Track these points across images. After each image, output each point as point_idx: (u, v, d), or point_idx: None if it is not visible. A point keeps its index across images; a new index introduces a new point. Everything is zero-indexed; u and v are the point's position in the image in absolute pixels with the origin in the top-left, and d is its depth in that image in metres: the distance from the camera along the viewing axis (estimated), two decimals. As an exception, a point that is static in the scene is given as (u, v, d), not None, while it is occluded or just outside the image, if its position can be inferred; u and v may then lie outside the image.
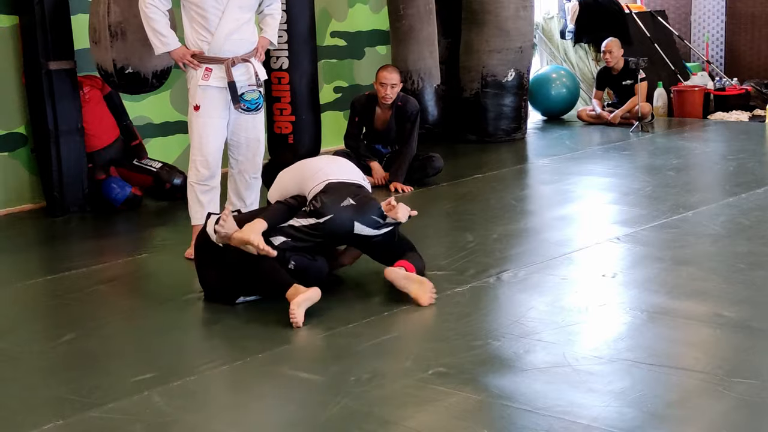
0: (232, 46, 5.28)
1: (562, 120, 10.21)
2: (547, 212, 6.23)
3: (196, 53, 5.26)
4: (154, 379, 3.65)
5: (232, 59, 5.26)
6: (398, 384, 3.44)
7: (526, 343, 3.76)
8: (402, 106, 7.10)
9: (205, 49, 5.25)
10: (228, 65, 5.24)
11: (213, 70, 5.26)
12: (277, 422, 3.22)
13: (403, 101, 7.13)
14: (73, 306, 4.67)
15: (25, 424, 3.24)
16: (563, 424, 3.02)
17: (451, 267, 4.88)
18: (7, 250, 5.86)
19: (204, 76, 5.26)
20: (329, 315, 4.25)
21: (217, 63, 5.25)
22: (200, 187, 5.37)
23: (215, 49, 5.25)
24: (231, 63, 5.26)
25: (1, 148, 6.83)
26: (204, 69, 5.26)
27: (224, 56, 5.25)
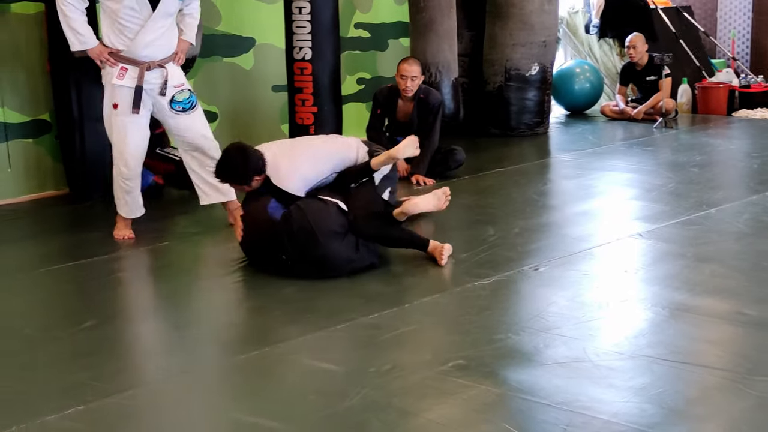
0: (151, 52, 5.36)
1: (585, 115, 10.18)
2: (569, 207, 6.21)
3: (113, 51, 5.30)
4: (173, 367, 3.67)
5: (148, 64, 5.31)
6: (418, 376, 3.43)
7: (546, 338, 3.75)
8: (424, 98, 7.08)
9: (122, 50, 5.29)
10: (143, 69, 5.30)
11: (128, 71, 5.32)
12: (295, 411, 3.22)
13: (426, 93, 7.11)
14: (94, 292, 4.69)
15: (48, 409, 3.26)
16: (583, 419, 3.02)
17: (472, 260, 4.88)
18: (30, 236, 5.90)
19: (119, 75, 5.32)
20: (349, 306, 4.26)
21: (132, 64, 5.30)
22: (123, 185, 5.48)
23: (133, 53, 5.31)
24: (147, 67, 5.31)
25: (25, 134, 6.87)
26: (119, 68, 5.29)
27: (141, 60, 5.30)
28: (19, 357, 3.85)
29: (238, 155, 4.83)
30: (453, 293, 4.37)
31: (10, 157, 6.82)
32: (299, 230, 4.63)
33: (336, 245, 4.67)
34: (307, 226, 4.64)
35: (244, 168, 4.80)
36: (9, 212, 6.59)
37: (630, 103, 9.77)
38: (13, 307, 4.54)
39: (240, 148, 4.87)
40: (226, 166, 4.86)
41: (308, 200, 4.85)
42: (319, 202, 4.83)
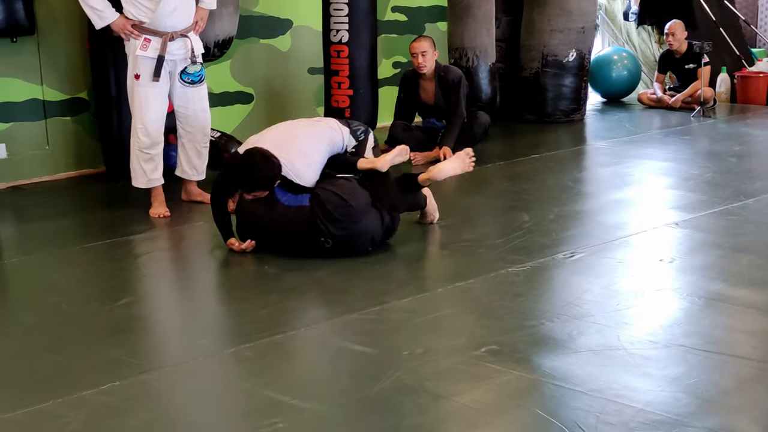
0: (174, 22, 5.46)
1: (622, 103, 10.10)
2: (604, 195, 6.17)
3: (136, 23, 5.37)
4: (207, 346, 3.70)
5: (171, 34, 5.39)
6: (451, 360, 3.44)
7: (580, 325, 3.74)
8: (444, 75, 7.07)
9: (145, 21, 5.36)
10: (166, 40, 5.38)
11: (151, 42, 5.42)
12: (328, 392, 3.24)
13: (445, 71, 7.10)
14: (130, 270, 4.73)
15: (84, 384, 3.30)
16: (616, 407, 3.01)
17: (506, 246, 4.87)
18: (67, 214, 5.96)
19: (142, 47, 5.42)
20: (383, 290, 4.27)
21: (155, 35, 5.37)
22: (142, 155, 5.61)
23: (156, 23, 5.40)
24: (170, 38, 5.38)
25: (64, 112, 6.93)
26: (143, 39, 5.38)
27: (164, 30, 5.37)
28: (56, 332, 3.90)
29: (266, 163, 4.68)
30: (487, 279, 4.36)
31: (48, 135, 6.88)
32: (336, 209, 4.65)
33: (370, 217, 4.75)
34: (341, 203, 4.66)
35: (274, 173, 4.70)
36: (47, 189, 6.66)
37: (668, 92, 9.68)
38: (51, 283, 4.58)
39: (265, 156, 4.71)
40: (259, 175, 4.68)
41: (329, 181, 4.85)
42: (342, 180, 4.86)
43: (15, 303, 4.46)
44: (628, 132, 8.35)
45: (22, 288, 4.65)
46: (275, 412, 3.04)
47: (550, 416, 2.96)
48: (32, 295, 4.46)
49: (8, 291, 4.68)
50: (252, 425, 2.98)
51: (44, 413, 3.10)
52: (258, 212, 4.76)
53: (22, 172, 6.79)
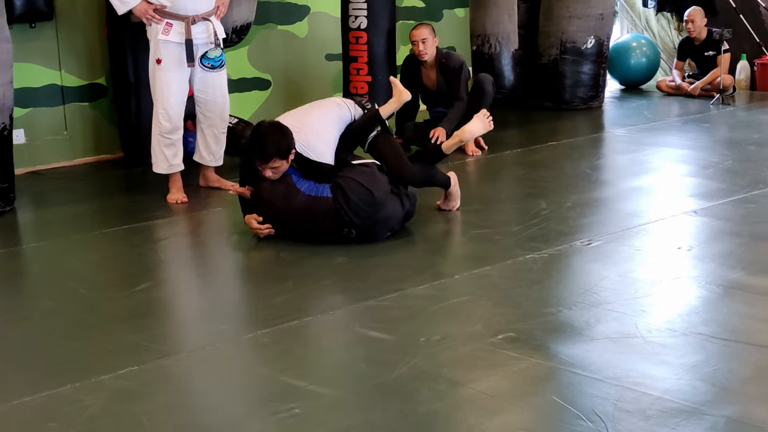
0: (195, 5, 5.48)
1: (640, 90, 10.05)
2: (622, 182, 6.15)
3: (158, 8, 5.38)
4: (226, 331, 3.71)
5: (193, 17, 5.39)
6: (468, 347, 3.44)
7: (597, 313, 3.73)
8: (445, 62, 6.97)
9: (166, 5, 5.36)
10: (188, 23, 5.38)
11: (173, 26, 5.42)
12: (345, 378, 3.24)
13: (446, 57, 6.99)
14: (148, 256, 4.75)
15: (102, 368, 3.32)
16: (634, 394, 3.00)
17: (524, 233, 4.85)
18: (84, 199, 5.98)
19: (164, 31, 5.43)
20: (400, 276, 4.27)
21: (177, 19, 5.37)
22: (163, 140, 5.62)
23: (177, 6, 5.41)
24: (192, 21, 5.39)
25: (82, 98, 6.95)
26: (165, 23, 5.39)
27: (185, 14, 5.37)
28: (75, 317, 3.92)
29: (276, 130, 4.71)
30: (504, 266, 4.35)
31: (66, 121, 6.90)
32: (360, 200, 4.65)
33: (392, 203, 4.78)
34: (364, 192, 4.67)
35: (287, 141, 4.70)
36: (65, 175, 6.69)
37: (687, 79, 9.62)
38: (69, 268, 4.60)
39: (274, 124, 4.77)
40: (270, 141, 4.66)
41: (348, 169, 4.84)
42: (361, 167, 4.86)
43: (34, 288, 4.49)
44: (646, 119, 8.31)
45: (41, 273, 4.68)
46: (292, 398, 3.05)
47: (567, 403, 2.95)
48: (51, 280, 4.48)
49: (27, 276, 4.71)
50: (269, 410, 2.99)
51: (63, 397, 3.12)
52: (277, 202, 4.73)
53: (41, 157, 6.82)
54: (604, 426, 2.79)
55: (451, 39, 9.22)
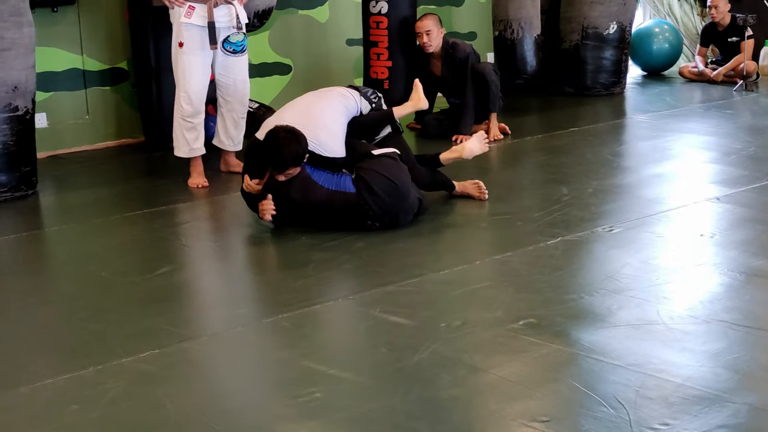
0: None
1: (662, 76, 9.98)
2: (644, 169, 6.11)
3: None
4: (246, 315, 3.72)
5: (215, 0, 5.38)
6: (489, 333, 3.43)
7: (619, 299, 3.71)
8: (451, 53, 6.91)
9: None
10: (210, 6, 5.37)
11: (196, 9, 5.43)
12: (366, 363, 3.24)
13: (453, 48, 6.92)
14: (168, 240, 4.76)
15: (124, 351, 3.33)
16: (656, 381, 2.99)
17: (545, 219, 4.84)
18: (106, 183, 6.00)
19: (186, 14, 5.43)
20: (420, 262, 4.27)
21: (200, 2, 5.37)
22: (185, 124, 5.62)
23: None
24: (214, 4, 5.38)
25: (103, 82, 6.97)
26: (187, 6, 5.39)
27: None
28: (96, 300, 3.94)
29: (292, 139, 4.61)
30: (525, 252, 4.34)
31: (88, 105, 6.92)
32: (385, 193, 4.64)
33: (414, 191, 4.79)
34: (389, 185, 4.66)
35: (302, 148, 4.63)
36: (86, 159, 6.71)
37: (710, 65, 9.55)
38: (90, 252, 4.63)
39: (289, 132, 4.65)
40: (286, 152, 4.58)
41: (370, 162, 4.81)
42: (383, 158, 4.84)
43: (56, 271, 4.51)
44: (668, 106, 8.26)
45: (63, 256, 4.70)
46: (313, 382, 3.05)
47: (588, 390, 2.94)
48: (72, 264, 4.51)
49: (49, 259, 4.73)
50: (290, 394, 2.99)
51: (84, 380, 3.13)
52: (294, 196, 4.68)
53: (62, 141, 6.84)
54: (626, 413, 2.78)
55: (473, 24, 9.19)
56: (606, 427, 2.71)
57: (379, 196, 4.63)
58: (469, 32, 9.16)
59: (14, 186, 5.53)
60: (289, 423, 2.82)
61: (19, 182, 5.55)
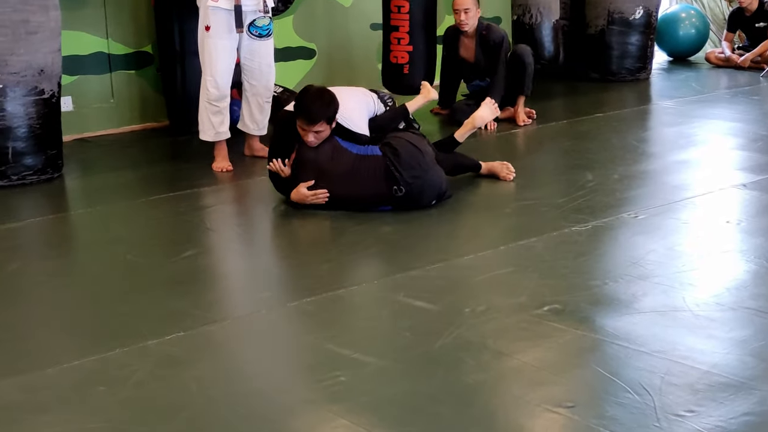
0: None
1: (688, 62, 9.91)
2: (669, 155, 6.08)
3: None
4: (270, 299, 3.73)
5: None
6: (513, 318, 3.43)
7: (644, 286, 3.70)
8: (486, 35, 6.86)
9: None
10: None
11: None
12: (390, 347, 3.25)
13: (487, 30, 6.88)
14: (193, 223, 4.78)
15: (150, 333, 3.35)
16: (681, 368, 2.97)
17: (569, 205, 4.82)
18: (131, 167, 6.02)
19: None
20: (445, 247, 4.26)
21: None
22: (211, 107, 5.63)
23: None
24: None
25: (128, 66, 6.98)
26: None
27: None
28: (122, 283, 3.96)
29: (324, 94, 4.76)
30: (549, 237, 4.33)
31: (113, 88, 6.95)
32: (410, 156, 4.70)
33: (437, 170, 4.82)
34: (414, 150, 4.72)
35: (334, 107, 4.74)
36: (111, 142, 6.74)
37: (736, 51, 9.48)
38: (116, 235, 4.65)
39: (321, 89, 4.84)
40: (319, 105, 4.71)
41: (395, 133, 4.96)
42: (408, 132, 4.97)
43: (82, 253, 4.54)
44: (694, 92, 8.20)
45: (88, 239, 4.73)
46: (337, 366, 3.06)
47: (613, 376, 2.94)
48: (98, 247, 4.53)
49: (75, 242, 4.76)
50: (314, 378, 3.00)
51: (111, 361, 3.15)
52: (324, 161, 4.74)
53: (88, 124, 6.87)
54: (651, 399, 2.77)
55: (494, 9, 9.14)
56: (631, 413, 2.70)
57: (405, 159, 4.68)
58: (492, 17, 9.13)
59: (40, 169, 5.56)
60: (313, 406, 2.83)
61: (45, 165, 5.58)
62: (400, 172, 4.66)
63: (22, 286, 3.95)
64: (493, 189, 5.21)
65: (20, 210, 5.14)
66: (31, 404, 2.89)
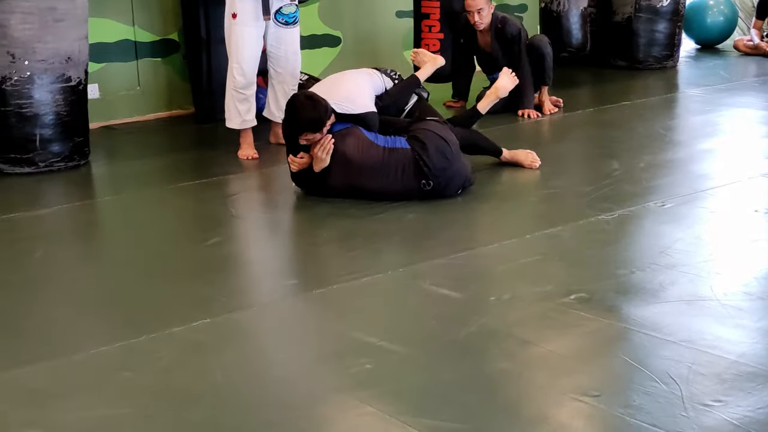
0: None
1: (716, 49, 9.82)
2: (696, 143, 6.03)
3: None
4: (297, 286, 3.74)
5: None
6: (539, 307, 3.41)
7: (671, 275, 3.67)
8: (501, 28, 6.77)
9: None
10: None
11: None
12: (415, 335, 3.24)
13: (503, 23, 6.78)
14: (219, 210, 4.79)
15: (176, 320, 3.36)
16: (709, 358, 2.95)
17: (596, 194, 4.79)
18: (157, 154, 6.05)
19: None
20: (470, 235, 4.26)
21: None
22: (237, 95, 5.62)
23: None
24: None
25: (155, 53, 7.00)
26: None
27: None
28: (148, 269, 3.98)
29: (309, 103, 4.68)
30: (575, 226, 4.30)
31: (139, 76, 6.97)
32: (437, 150, 4.67)
33: (462, 158, 4.81)
34: (441, 143, 4.69)
35: (319, 113, 4.65)
36: (137, 129, 6.76)
37: (765, 39, 9.38)
38: (142, 222, 4.67)
39: (308, 96, 4.75)
40: (304, 116, 4.66)
41: (421, 122, 4.90)
42: (430, 121, 4.90)
43: (108, 240, 4.57)
44: (722, 80, 8.13)
45: (115, 226, 4.76)
46: (363, 353, 3.06)
47: (640, 365, 2.92)
48: (124, 233, 4.56)
49: (101, 228, 4.79)
50: (340, 365, 3.00)
51: (137, 347, 3.17)
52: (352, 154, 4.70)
53: (114, 112, 6.90)
54: (679, 388, 2.75)
55: (523, -5, 9.11)
56: (658, 402, 2.69)
57: (433, 153, 4.65)
58: (519, 4, 9.09)
59: (67, 156, 5.58)
60: (339, 394, 2.83)
61: (72, 152, 5.61)
62: (429, 166, 4.64)
63: (50, 273, 3.97)
64: (519, 177, 5.19)
65: (47, 197, 5.18)
66: (57, 390, 2.90)
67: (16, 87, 5.36)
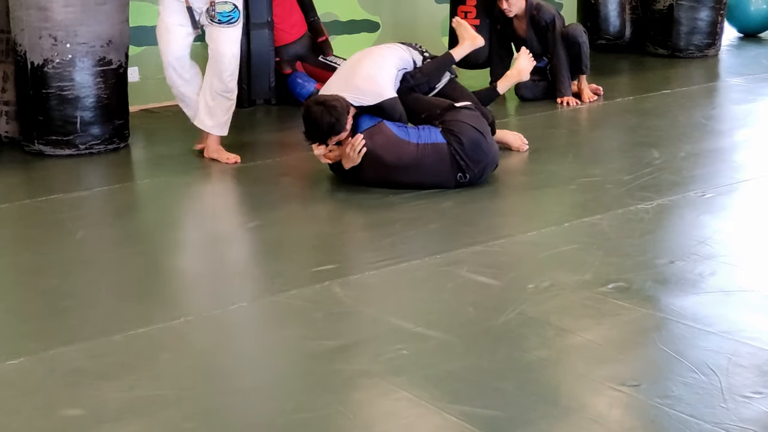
0: None
1: (759, 38, 9.68)
2: (737, 133, 5.96)
3: None
4: (333, 271, 3.73)
5: None
6: (577, 295, 3.40)
7: (711, 265, 3.64)
8: (536, 15, 6.71)
9: None
10: None
11: None
12: (452, 321, 3.24)
13: (537, 9, 6.72)
14: (257, 194, 4.81)
15: (214, 303, 3.39)
16: (749, 349, 2.93)
17: (635, 183, 4.75)
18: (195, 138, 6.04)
19: None
20: (507, 222, 4.25)
21: None
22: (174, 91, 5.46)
23: None
24: None
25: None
26: None
27: None
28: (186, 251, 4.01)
29: (323, 111, 4.60)
30: (615, 215, 4.28)
31: (178, 60, 6.98)
32: (473, 143, 4.64)
33: (495, 146, 4.81)
34: (477, 136, 4.66)
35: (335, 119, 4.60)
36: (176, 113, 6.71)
37: (809, 28, 9.25)
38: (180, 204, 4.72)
39: (319, 103, 4.66)
40: (323, 124, 4.61)
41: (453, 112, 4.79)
42: (463, 110, 4.81)
43: (146, 223, 4.59)
44: (765, 69, 8.01)
45: (154, 208, 4.78)
46: (400, 339, 3.06)
47: (678, 356, 2.90)
48: (162, 216, 4.58)
49: (140, 211, 4.82)
50: (377, 350, 3.01)
51: (175, 330, 3.19)
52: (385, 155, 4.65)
53: (154, 95, 6.92)
54: (718, 380, 2.73)
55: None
56: (697, 393, 2.67)
57: (469, 148, 4.62)
58: (559, -9, 9.03)
59: (107, 138, 5.62)
60: (375, 378, 2.84)
61: (112, 135, 5.64)
62: (465, 160, 4.62)
63: (90, 254, 4.01)
64: (557, 166, 5.16)
65: (87, 179, 5.22)
66: (96, 370, 2.93)
67: (58, 69, 5.40)
